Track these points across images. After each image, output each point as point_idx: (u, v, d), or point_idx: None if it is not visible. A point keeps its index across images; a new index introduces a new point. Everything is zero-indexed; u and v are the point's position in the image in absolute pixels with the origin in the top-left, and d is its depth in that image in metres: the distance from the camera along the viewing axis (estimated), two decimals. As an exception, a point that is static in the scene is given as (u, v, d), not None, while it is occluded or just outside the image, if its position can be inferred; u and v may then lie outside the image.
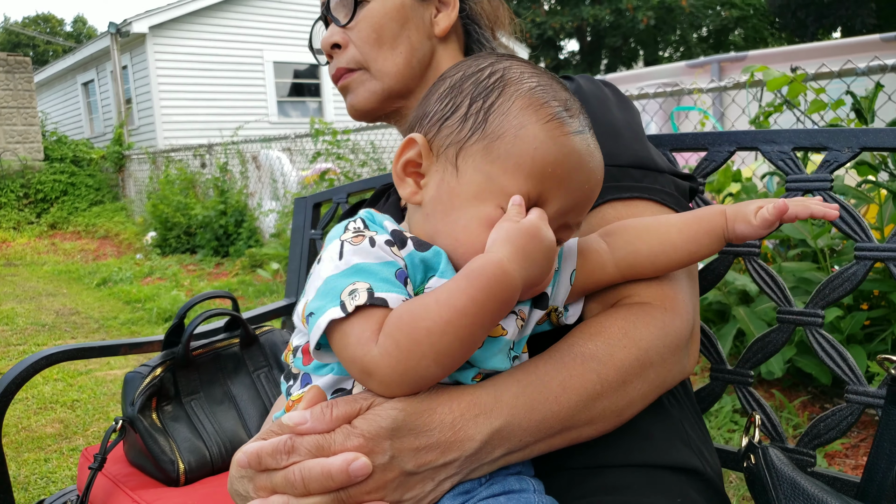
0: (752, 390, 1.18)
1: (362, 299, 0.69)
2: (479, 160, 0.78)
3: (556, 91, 0.81)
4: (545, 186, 0.77)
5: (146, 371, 1.62)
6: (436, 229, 0.80)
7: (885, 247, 1.04)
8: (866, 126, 3.02)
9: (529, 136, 0.76)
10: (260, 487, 0.74)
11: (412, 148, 0.82)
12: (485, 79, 0.81)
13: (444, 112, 0.81)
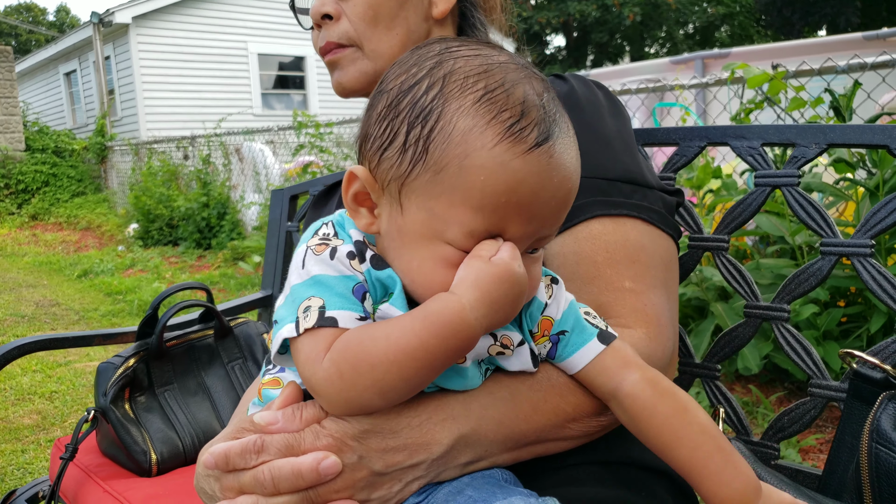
0: (720, 384, 1.19)
1: (311, 321, 0.69)
2: (423, 196, 0.70)
3: (510, 92, 0.69)
4: (501, 216, 0.69)
5: (119, 362, 1.61)
6: (393, 264, 0.75)
7: (850, 242, 1.06)
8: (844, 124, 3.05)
9: (475, 166, 0.67)
10: (227, 488, 0.74)
11: (355, 182, 0.75)
12: (422, 95, 0.70)
13: (383, 140, 0.73)
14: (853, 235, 1.05)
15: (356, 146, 0.80)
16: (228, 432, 0.80)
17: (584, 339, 0.80)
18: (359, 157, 0.79)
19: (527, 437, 0.80)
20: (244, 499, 0.71)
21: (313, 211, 1.31)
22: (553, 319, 0.80)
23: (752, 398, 3.29)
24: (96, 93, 14.44)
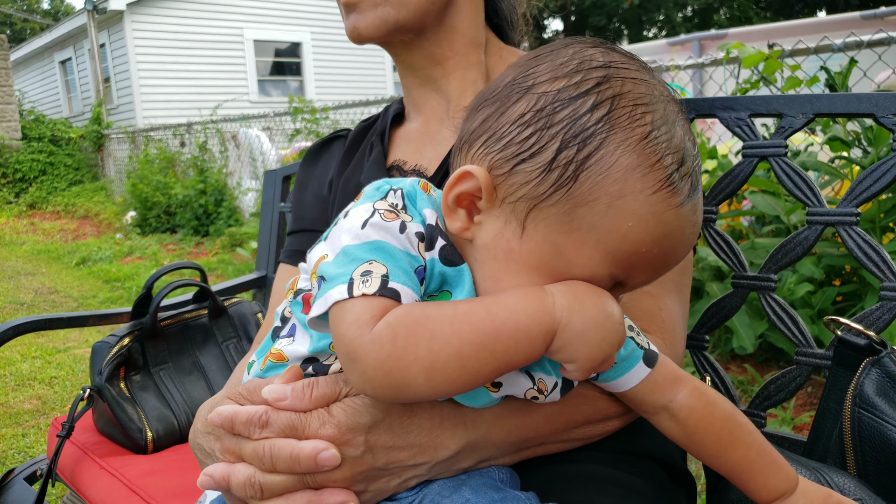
0: (707, 354, 1.20)
1: (373, 287, 0.61)
2: (553, 227, 0.63)
3: (673, 133, 0.63)
4: (631, 265, 0.64)
5: (114, 341, 1.62)
6: (483, 287, 0.68)
7: (835, 211, 1.06)
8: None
9: (627, 210, 0.61)
10: (227, 450, 0.73)
11: (468, 181, 0.66)
12: (585, 113, 0.62)
13: (522, 148, 0.64)
14: (839, 204, 1.06)
15: (466, 139, 0.70)
16: (229, 394, 0.80)
17: (629, 363, 0.76)
18: (468, 154, 0.70)
19: (533, 441, 0.80)
20: (242, 467, 0.71)
21: (304, 169, 1.28)
22: None
23: (748, 377, 3.31)
24: (92, 81, 14.38)
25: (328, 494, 0.69)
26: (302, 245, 1.19)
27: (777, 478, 0.74)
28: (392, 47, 1.10)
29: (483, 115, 0.69)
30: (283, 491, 0.69)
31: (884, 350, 0.87)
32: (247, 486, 0.70)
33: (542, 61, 0.67)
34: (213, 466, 0.73)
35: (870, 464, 0.84)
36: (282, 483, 0.69)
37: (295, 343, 0.76)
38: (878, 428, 0.82)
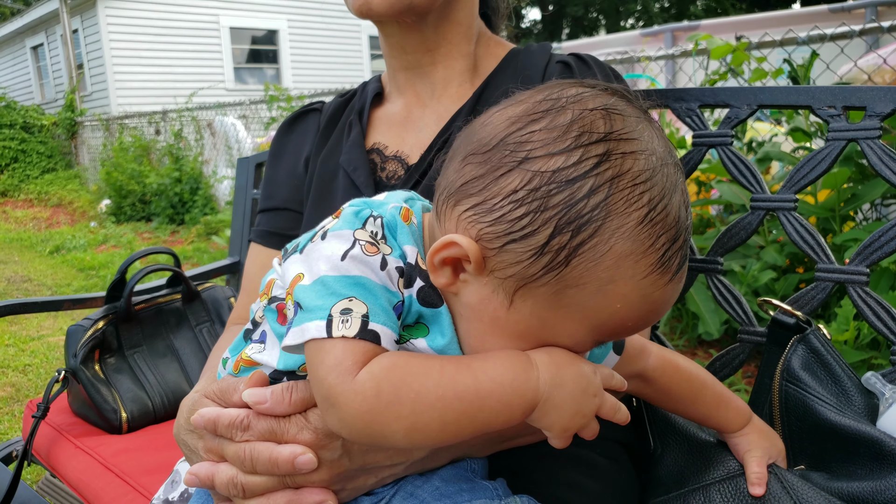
0: (659, 335, 1.26)
1: (353, 329, 0.62)
2: (542, 304, 0.63)
3: (668, 210, 0.62)
4: (615, 334, 0.66)
5: (88, 324, 1.65)
6: (467, 342, 0.69)
7: (776, 197, 1.13)
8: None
9: (617, 293, 0.61)
10: (209, 449, 0.76)
11: (455, 249, 0.64)
12: (582, 199, 0.60)
13: (514, 227, 0.62)
14: (779, 191, 1.12)
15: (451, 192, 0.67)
16: (201, 389, 0.83)
17: (602, 354, 0.80)
18: (451, 211, 0.67)
19: (507, 436, 0.84)
20: (226, 468, 0.74)
21: (277, 143, 1.27)
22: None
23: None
24: (65, 67, 14.17)
25: (307, 494, 0.72)
26: (273, 225, 1.20)
27: (741, 403, 0.88)
28: (388, 27, 1.10)
29: (470, 172, 0.66)
30: (264, 491, 0.72)
31: (809, 328, 0.94)
32: (230, 486, 0.73)
33: (538, 124, 0.64)
34: (198, 466, 0.76)
35: (795, 433, 0.91)
36: (263, 484, 0.72)
37: (265, 353, 0.78)
38: (802, 399, 0.89)
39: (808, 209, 3.11)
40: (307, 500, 0.72)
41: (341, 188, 1.12)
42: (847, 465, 0.83)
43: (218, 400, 0.78)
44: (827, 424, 0.86)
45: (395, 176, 1.11)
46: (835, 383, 0.90)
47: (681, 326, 3.87)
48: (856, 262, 1.04)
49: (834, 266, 1.06)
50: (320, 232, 0.70)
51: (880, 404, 0.89)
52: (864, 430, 0.82)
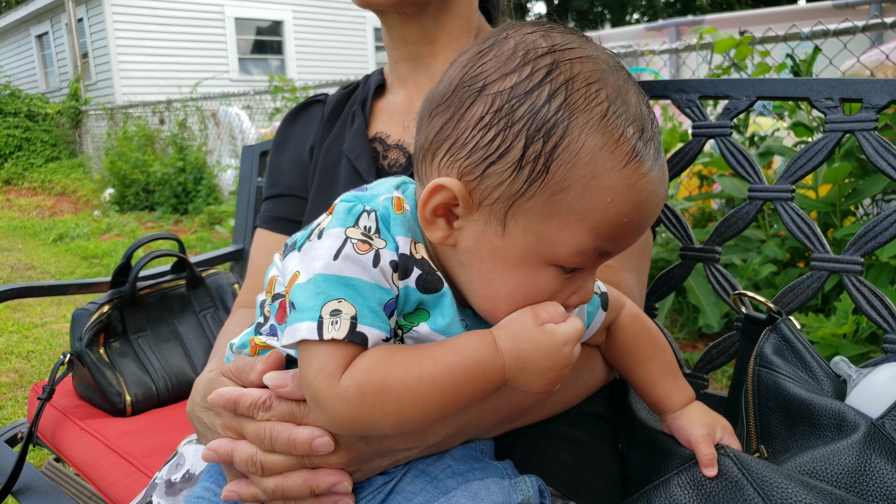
0: (657, 322, 1.28)
1: (342, 332, 0.64)
2: (534, 218, 0.64)
3: (628, 103, 0.64)
4: (614, 235, 0.66)
5: (94, 308, 1.67)
6: (472, 287, 0.70)
7: (774, 188, 1.14)
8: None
9: (602, 187, 0.62)
10: (227, 426, 0.78)
11: (442, 193, 0.66)
12: (543, 105, 0.62)
13: (489, 151, 0.64)
14: (777, 181, 1.14)
15: (427, 147, 0.70)
16: (215, 368, 0.85)
17: (592, 314, 0.84)
18: (433, 163, 0.69)
19: (515, 415, 0.87)
20: (245, 445, 0.75)
21: (283, 131, 1.30)
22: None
23: (713, 354, 3.41)
24: (69, 56, 14.18)
25: (323, 475, 0.74)
26: (279, 211, 1.22)
27: (683, 387, 0.90)
28: (389, 17, 1.12)
29: (439, 122, 0.68)
30: (282, 470, 0.74)
31: (779, 318, 0.96)
32: (249, 463, 0.75)
33: (486, 57, 0.67)
34: (217, 442, 0.78)
35: (766, 413, 0.93)
36: (281, 463, 0.74)
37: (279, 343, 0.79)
38: (774, 379, 0.91)
39: (810, 204, 3.12)
40: (323, 480, 0.74)
41: (344, 175, 1.15)
42: (812, 439, 0.85)
43: (235, 378, 0.80)
44: (796, 400, 0.88)
45: (397, 164, 1.14)
46: (805, 369, 0.93)
47: (681, 319, 3.89)
48: (850, 252, 1.06)
49: (829, 255, 1.08)
50: (316, 230, 0.71)
51: (847, 387, 0.91)
52: (829, 402, 0.84)
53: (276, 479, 0.74)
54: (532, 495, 0.77)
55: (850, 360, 1.03)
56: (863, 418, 0.84)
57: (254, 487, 0.77)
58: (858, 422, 0.84)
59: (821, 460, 0.81)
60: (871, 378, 0.91)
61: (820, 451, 0.82)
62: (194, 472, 0.94)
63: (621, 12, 27.78)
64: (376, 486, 0.78)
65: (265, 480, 0.75)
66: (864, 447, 0.80)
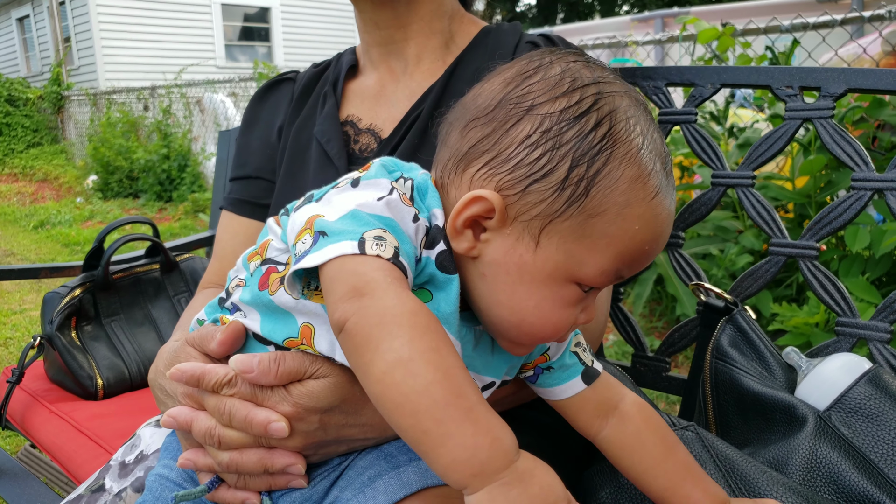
0: (622, 306, 1.29)
1: (388, 253, 0.62)
2: (567, 238, 0.66)
3: (657, 142, 0.69)
4: (634, 260, 0.68)
5: (65, 291, 1.67)
6: (495, 298, 0.70)
7: (736, 174, 1.16)
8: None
9: (634, 215, 0.65)
10: (188, 396, 0.78)
11: (479, 204, 0.67)
12: (590, 132, 0.65)
13: (534, 169, 0.66)
14: (738, 168, 1.15)
15: (461, 157, 0.70)
16: (180, 338, 0.85)
17: (568, 375, 0.81)
18: (464, 173, 0.70)
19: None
20: (205, 417, 0.76)
21: (251, 111, 1.29)
22: (550, 358, 0.81)
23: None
24: (51, 40, 14.02)
25: (278, 455, 0.75)
26: (245, 193, 1.21)
27: (715, 487, 0.77)
28: (361, 2, 1.13)
29: (477, 134, 0.69)
30: (238, 446, 0.74)
31: (735, 309, 0.98)
32: (207, 435, 0.75)
33: (533, 78, 0.69)
34: (178, 409, 0.78)
35: (723, 406, 0.96)
36: (238, 439, 0.74)
37: (247, 319, 0.77)
38: (729, 373, 0.93)
39: (786, 195, 3.15)
40: (278, 461, 0.75)
41: (314, 159, 1.14)
42: (765, 432, 0.88)
43: (197, 346, 0.80)
44: (750, 394, 0.90)
45: (368, 149, 1.14)
46: (759, 360, 0.95)
47: (660, 309, 3.92)
48: (807, 237, 1.08)
49: (786, 241, 1.10)
50: (347, 181, 0.71)
51: (798, 377, 0.93)
52: (780, 396, 0.87)
53: (232, 454, 0.75)
54: None
55: (827, 348, 1.06)
56: (811, 411, 0.87)
57: (210, 459, 0.77)
58: (807, 414, 0.86)
59: (780, 456, 0.84)
60: (820, 368, 0.93)
61: (778, 447, 0.84)
62: (147, 453, 0.94)
63: (611, 3, 27.79)
64: (332, 464, 0.80)
65: (221, 454, 0.75)
66: (813, 440, 0.83)
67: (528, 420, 0.99)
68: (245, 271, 0.81)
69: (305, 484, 0.78)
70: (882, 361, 1.01)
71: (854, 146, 1.04)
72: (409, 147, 1.07)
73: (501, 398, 0.91)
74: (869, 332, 1.03)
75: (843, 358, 0.95)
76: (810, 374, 0.94)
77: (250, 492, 0.78)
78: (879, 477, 0.83)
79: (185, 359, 0.80)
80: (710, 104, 3.76)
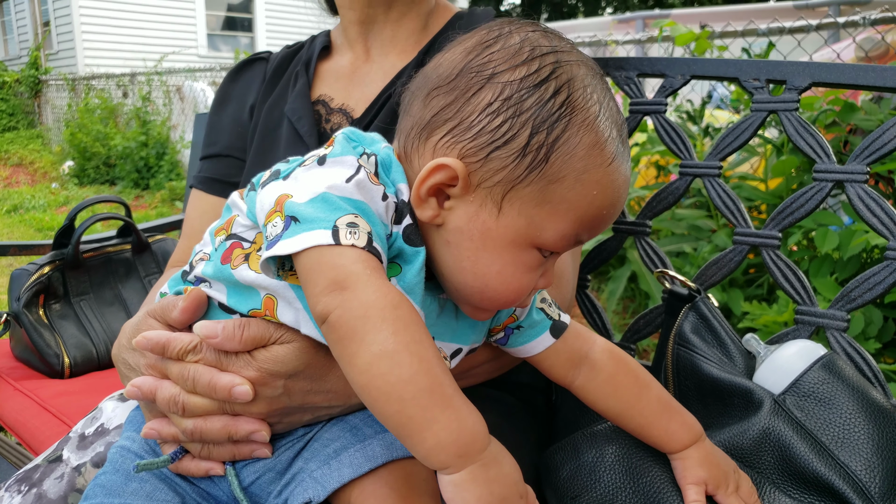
0: (589, 294, 1.31)
1: (361, 241, 0.62)
2: (528, 203, 0.67)
3: (612, 110, 0.70)
4: (593, 225, 0.70)
5: (33, 269, 1.65)
6: (459, 265, 0.70)
7: (703, 164, 1.18)
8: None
9: (592, 181, 0.67)
10: (152, 366, 0.78)
11: (442, 172, 0.68)
12: (549, 99, 0.66)
13: (496, 136, 0.67)
14: (705, 158, 1.17)
15: (423, 126, 0.71)
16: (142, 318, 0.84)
17: (536, 332, 0.83)
18: (428, 141, 0.71)
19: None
20: (169, 385, 0.76)
21: (224, 89, 1.29)
22: (517, 318, 0.83)
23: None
24: (30, 23, 13.80)
25: (243, 422, 0.75)
26: (215, 171, 1.21)
27: (691, 419, 0.81)
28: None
29: (439, 103, 0.70)
30: (202, 413, 0.75)
31: (698, 296, 1.00)
32: (170, 403, 0.75)
33: (493, 48, 0.70)
34: (142, 379, 0.78)
35: (685, 391, 0.97)
36: (202, 406, 0.74)
37: (213, 289, 0.78)
38: (691, 359, 0.95)
39: (759, 195, 3.19)
40: (242, 427, 0.75)
41: (285, 137, 1.15)
42: (723, 417, 0.90)
43: (159, 318, 0.80)
44: (709, 379, 0.92)
45: (340, 128, 1.14)
46: (720, 346, 0.97)
47: (633, 306, 3.96)
48: (770, 227, 1.10)
49: (750, 230, 1.12)
50: (314, 158, 0.71)
51: (756, 362, 0.95)
52: (738, 381, 0.89)
53: (196, 421, 0.75)
54: None
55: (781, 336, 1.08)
56: (767, 394, 0.89)
57: (174, 427, 0.77)
58: (763, 398, 0.88)
59: (734, 438, 0.86)
60: (777, 354, 0.96)
61: (733, 429, 0.86)
62: (109, 427, 0.94)
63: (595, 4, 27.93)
64: (297, 435, 0.80)
65: (185, 421, 0.75)
66: (767, 420, 0.85)
67: (492, 399, 1.00)
68: (210, 245, 0.82)
69: (269, 453, 0.78)
70: (838, 349, 1.04)
71: (817, 139, 1.06)
72: (380, 127, 1.08)
73: (470, 368, 0.91)
74: (826, 320, 1.05)
75: (798, 344, 0.97)
76: (767, 360, 0.96)
77: (214, 462, 0.78)
78: (830, 458, 0.85)
79: (148, 330, 0.79)
80: (686, 104, 3.80)
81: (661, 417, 0.81)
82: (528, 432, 1.00)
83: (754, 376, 0.96)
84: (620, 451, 0.84)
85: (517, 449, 0.95)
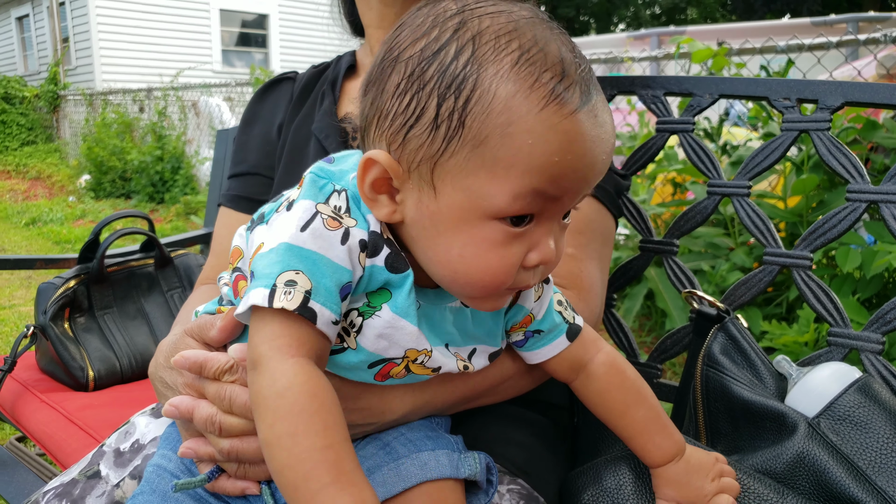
0: (615, 312, 1.31)
1: (293, 303, 0.63)
2: (459, 175, 0.63)
3: (546, 51, 0.63)
4: (549, 178, 0.62)
5: (60, 282, 1.67)
6: (427, 257, 0.69)
7: (732, 184, 1.17)
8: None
9: (521, 131, 0.61)
10: (189, 386, 0.79)
11: (373, 168, 0.66)
12: (451, 62, 0.63)
13: (407, 116, 0.64)
14: (735, 178, 1.17)
15: (363, 128, 0.71)
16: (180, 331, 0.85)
17: (553, 336, 0.83)
18: (368, 139, 0.70)
19: (470, 398, 0.89)
20: (206, 405, 0.76)
21: (252, 108, 1.30)
22: (535, 318, 0.82)
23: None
24: (49, 39, 14.01)
25: None
26: (243, 190, 1.22)
27: (670, 440, 0.82)
28: None
29: (369, 98, 0.69)
30: (239, 433, 0.74)
31: (727, 317, 1.00)
32: (208, 422, 0.75)
33: (402, 28, 0.68)
34: (180, 399, 0.78)
35: (714, 413, 0.96)
36: (239, 426, 0.74)
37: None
38: (721, 381, 0.94)
39: (778, 214, 3.18)
40: None
41: (313, 155, 1.16)
42: (755, 440, 0.89)
43: (196, 337, 0.81)
44: (740, 402, 0.91)
45: None
46: (750, 367, 0.96)
47: (649, 324, 3.94)
48: (801, 248, 1.09)
49: (780, 251, 1.11)
50: (285, 203, 0.71)
51: (788, 385, 0.94)
52: (771, 403, 0.88)
53: (233, 442, 0.75)
54: (479, 471, 0.79)
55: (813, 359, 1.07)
56: (801, 418, 0.88)
57: (210, 447, 0.77)
58: (797, 421, 0.87)
59: (767, 462, 0.85)
60: (810, 377, 0.95)
61: (766, 453, 0.85)
62: (144, 443, 0.94)
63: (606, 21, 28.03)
64: None
65: (222, 441, 0.75)
66: (802, 443, 0.84)
67: (514, 416, 1.00)
68: (228, 274, 0.84)
69: None
70: (874, 372, 1.03)
71: (850, 158, 1.06)
72: None
73: (498, 384, 0.91)
74: (861, 342, 1.04)
75: (832, 366, 0.96)
76: (800, 383, 0.95)
77: (250, 481, 0.78)
78: (867, 483, 0.84)
79: (185, 349, 0.80)
80: (704, 122, 3.80)
81: (640, 435, 0.82)
82: (558, 453, 1.00)
83: (786, 399, 0.95)
84: (640, 480, 0.84)
85: (551, 468, 0.96)
